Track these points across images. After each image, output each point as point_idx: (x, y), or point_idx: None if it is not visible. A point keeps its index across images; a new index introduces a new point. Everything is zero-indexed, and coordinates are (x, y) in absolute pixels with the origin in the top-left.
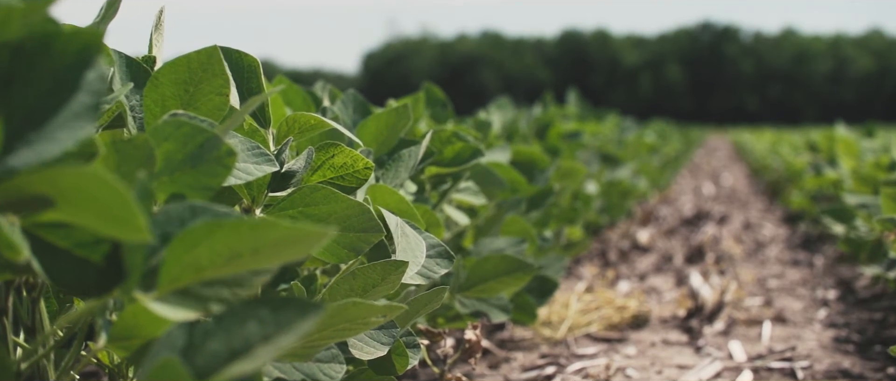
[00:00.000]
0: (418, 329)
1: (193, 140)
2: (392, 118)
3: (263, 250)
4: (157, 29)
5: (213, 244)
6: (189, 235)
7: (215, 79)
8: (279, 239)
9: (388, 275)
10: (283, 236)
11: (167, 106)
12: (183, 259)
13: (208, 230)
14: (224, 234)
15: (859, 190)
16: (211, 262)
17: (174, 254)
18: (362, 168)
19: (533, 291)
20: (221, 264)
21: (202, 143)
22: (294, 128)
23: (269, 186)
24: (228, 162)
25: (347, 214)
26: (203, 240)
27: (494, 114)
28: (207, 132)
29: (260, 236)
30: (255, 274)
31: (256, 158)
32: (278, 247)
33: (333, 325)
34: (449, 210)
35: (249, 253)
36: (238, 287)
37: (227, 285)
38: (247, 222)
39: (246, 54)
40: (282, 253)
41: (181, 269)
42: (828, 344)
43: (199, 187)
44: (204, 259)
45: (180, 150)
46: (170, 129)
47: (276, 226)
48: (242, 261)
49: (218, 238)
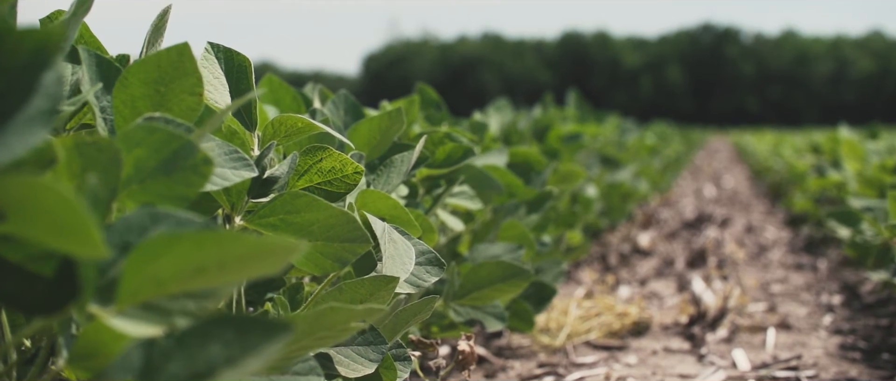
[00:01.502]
0: (410, 340)
1: (167, 146)
2: (385, 122)
3: (230, 264)
4: (156, 29)
5: (174, 257)
6: (148, 247)
7: (187, 78)
8: (247, 253)
9: (378, 291)
10: (251, 250)
11: (137, 107)
12: (143, 272)
13: (168, 243)
14: (186, 247)
15: (864, 193)
16: (173, 275)
17: (133, 267)
18: (352, 172)
19: (530, 297)
20: (185, 278)
21: (176, 149)
22: (280, 131)
23: (250, 192)
24: (204, 170)
25: (331, 222)
26: (163, 253)
27: (492, 116)
28: (182, 138)
29: (226, 249)
30: (223, 286)
31: (234, 163)
32: (246, 261)
33: (312, 333)
34: (443, 215)
35: (215, 267)
36: (205, 300)
37: (193, 298)
38: (211, 235)
39: (237, 53)
40: (250, 268)
41: (141, 282)
42: (834, 352)
43: (173, 197)
44: (165, 273)
45: (153, 156)
46: (142, 134)
47: (242, 240)
48: (208, 275)
49: (179, 251)
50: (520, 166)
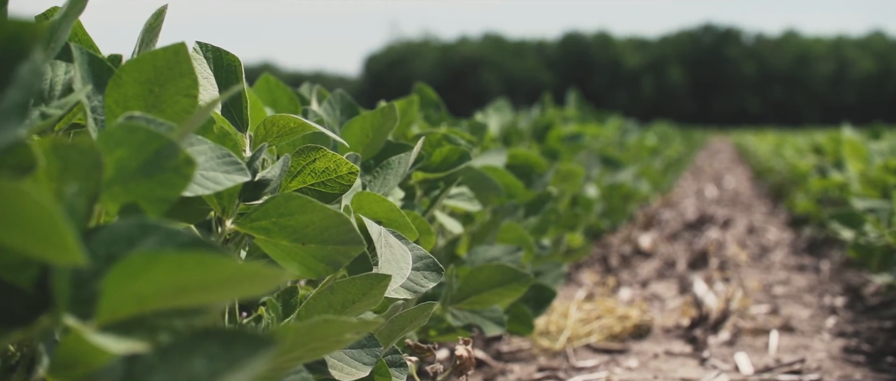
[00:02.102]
0: (406, 344)
1: (148, 147)
2: (378, 119)
3: (213, 286)
4: (150, 28)
5: (155, 277)
6: (129, 265)
7: (183, 79)
8: (230, 277)
9: (370, 290)
10: (235, 274)
11: (130, 107)
12: (124, 289)
13: (148, 262)
14: (167, 268)
15: (868, 194)
16: (154, 294)
17: (114, 282)
18: (346, 173)
19: (530, 300)
20: (167, 297)
21: (157, 150)
22: (272, 131)
23: (242, 195)
24: (186, 172)
25: (326, 224)
26: (143, 271)
27: (492, 116)
28: (163, 138)
29: (208, 272)
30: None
31: (226, 166)
32: (229, 285)
33: (305, 344)
34: (441, 217)
35: (197, 289)
36: (194, 317)
37: (181, 316)
38: (192, 258)
39: (227, 52)
40: (234, 291)
41: (122, 298)
42: (838, 355)
43: (154, 198)
44: (146, 291)
45: (134, 157)
46: (123, 134)
47: (225, 264)
48: (190, 295)
49: (160, 271)
50: (520, 168)
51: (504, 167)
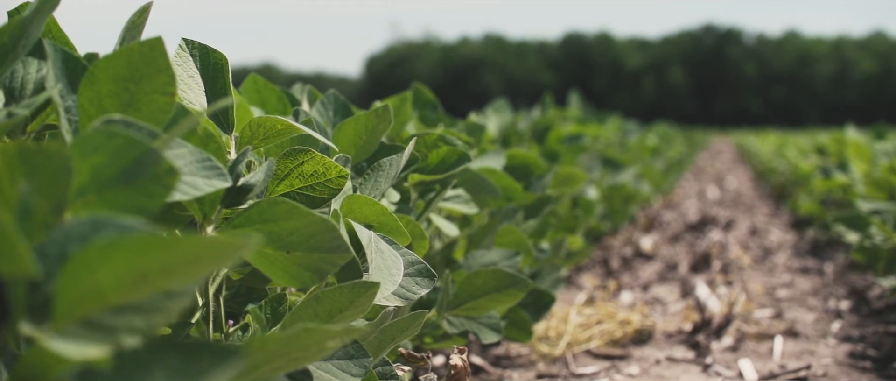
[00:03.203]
0: (399, 353)
1: (128, 154)
2: (371, 121)
3: (175, 268)
4: (132, 26)
5: (115, 265)
6: (86, 255)
7: (159, 75)
8: (192, 255)
9: (357, 298)
10: (197, 250)
11: (104, 106)
12: (82, 284)
13: (108, 249)
14: (127, 253)
15: (873, 195)
16: (115, 285)
17: (71, 278)
18: (336, 176)
19: (528, 306)
20: (128, 287)
21: (138, 157)
22: (258, 133)
23: (224, 201)
24: (169, 181)
25: (311, 231)
26: (103, 260)
27: (491, 117)
28: (143, 146)
29: (169, 253)
30: (169, 297)
31: (206, 171)
32: (192, 263)
33: (285, 354)
34: (437, 221)
35: (159, 272)
36: (153, 314)
37: (139, 313)
38: (153, 238)
39: (213, 50)
40: (197, 270)
41: (81, 295)
42: (843, 361)
43: (134, 209)
44: (106, 282)
45: (112, 164)
46: (100, 139)
47: (186, 241)
48: (152, 282)
49: (120, 258)
50: (518, 169)
51: (502, 169)
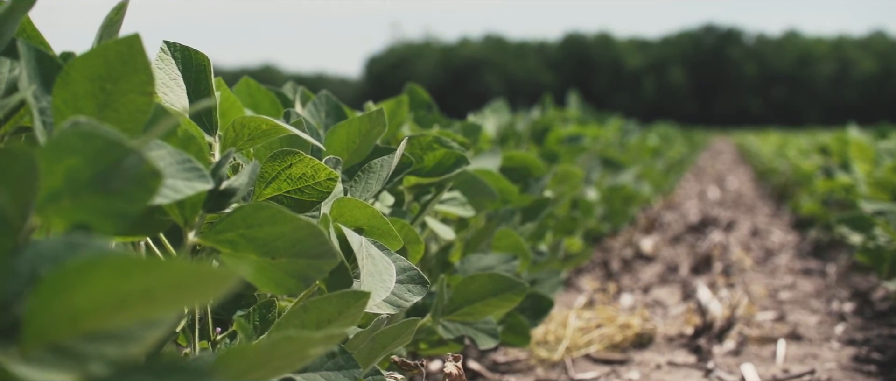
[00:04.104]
0: (392, 361)
1: (107, 156)
2: (365, 124)
3: (159, 294)
4: (109, 24)
5: (93, 287)
6: (61, 276)
7: (137, 74)
8: (178, 282)
9: (347, 308)
10: (183, 278)
11: (80, 107)
12: (55, 306)
13: (86, 270)
14: (107, 274)
15: (876, 196)
16: (91, 309)
17: (43, 300)
18: (324, 179)
19: (526, 310)
20: (106, 312)
21: (118, 160)
22: (243, 134)
23: (206, 205)
24: (152, 185)
25: (297, 237)
26: (79, 282)
27: (489, 118)
28: (124, 147)
29: (153, 277)
30: (147, 326)
31: (187, 173)
32: (177, 291)
33: (267, 363)
34: (433, 224)
35: (141, 298)
36: (128, 342)
37: (113, 340)
38: (135, 260)
39: (196, 52)
40: (182, 298)
41: (52, 319)
42: (847, 365)
43: (112, 214)
44: (82, 306)
45: (88, 167)
46: (76, 140)
47: (172, 266)
48: (132, 308)
49: (100, 280)
50: (516, 171)
51: (499, 170)
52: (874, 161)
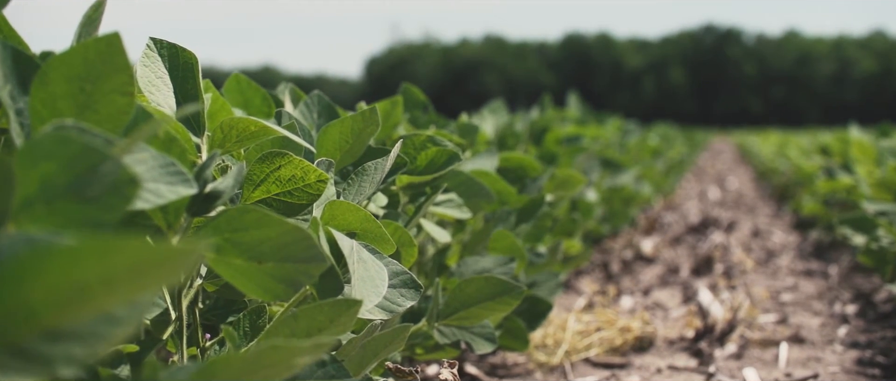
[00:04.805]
0: (386, 368)
1: (83, 162)
2: (357, 124)
3: (118, 278)
4: (88, 21)
5: (48, 277)
6: (12, 267)
7: (118, 74)
8: (137, 263)
9: (338, 317)
10: (142, 258)
11: (58, 108)
12: (8, 303)
13: (38, 259)
14: (61, 262)
15: (879, 197)
16: (48, 302)
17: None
18: (315, 181)
19: (524, 314)
20: (64, 304)
21: (95, 166)
22: (231, 135)
23: (191, 209)
24: (129, 192)
25: (285, 240)
26: (32, 273)
27: (487, 118)
28: (101, 153)
29: (110, 260)
30: (112, 322)
31: (170, 177)
32: (138, 273)
33: (252, 373)
34: (428, 226)
35: (100, 284)
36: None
37: (77, 339)
38: (89, 245)
39: (183, 49)
40: (144, 281)
41: (7, 317)
42: (851, 368)
43: (89, 222)
44: (37, 298)
45: (64, 173)
46: (52, 145)
47: (129, 247)
48: (92, 297)
49: (54, 268)
50: (513, 172)
51: (496, 171)
52: (876, 161)
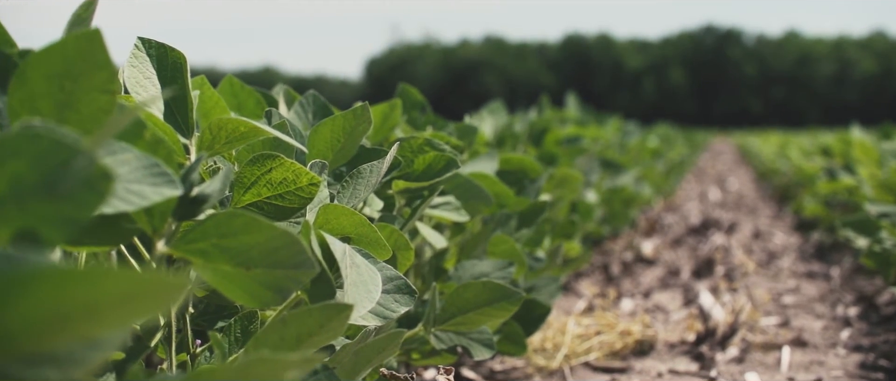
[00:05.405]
0: (381, 374)
1: (54, 157)
2: (349, 122)
3: (104, 308)
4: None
5: (29, 303)
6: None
7: (99, 72)
8: (125, 293)
9: (329, 322)
10: (131, 288)
11: (37, 108)
12: None
13: (20, 284)
14: (46, 289)
15: (882, 198)
16: (28, 327)
17: None
18: (307, 184)
19: (522, 318)
20: (44, 331)
21: (66, 161)
22: (220, 136)
23: (177, 212)
24: (102, 187)
25: (274, 246)
26: (15, 296)
27: (486, 119)
28: (71, 148)
29: (98, 289)
30: (91, 347)
31: (154, 178)
32: (125, 303)
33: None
34: (424, 230)
35: (84, 313)
36: (70, 365)
37: (54, 363)
38: (75, 273)
39: (172, 49)
40: (130, 311)
41: None
42: (854, 372)
43: (61, 220)
44: (16, 323)
45: (34, 170)
46: (20, 142)
47: (119, 277)
48: (75, 325)
49: (37, 294)
50: (513, 174)
51: (495, 173)
52: (879, 162)
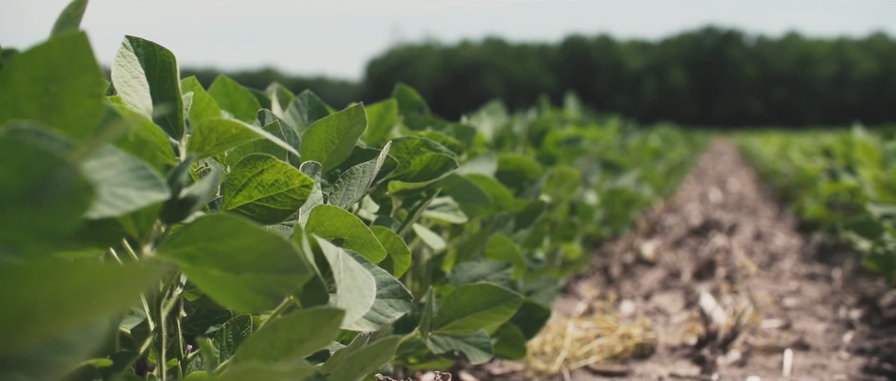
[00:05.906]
0: (377, 380)
1: (36, 167)
2: (343, 122)
3: (69, 302)
4: (67, 19)
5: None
6: None
7: (85, 74)
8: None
9: (320, 327)
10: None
11: (21, 111)
12: None
13: None
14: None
15: (884, 199)
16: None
17: None
18: (299, 186)
19: (521, 321)
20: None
21: (48, 172)
22: (210, 138)
23: (164, 215)
24: (84, 200)
25: (263, 250)
26: None
27: (485, 120)
28: (53, 158)
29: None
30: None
31: (140, 181)
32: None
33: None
34: (422, 232)
35: (49, 308)
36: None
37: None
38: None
39: (161, 48)
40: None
41: None
42: (857, 375)
43: (42, 232)
44: None
45: (16, 179)
46: (3, 149)
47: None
48: (39, 321)
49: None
50: (512, 175)
51: (494, 174)
52: (881, 163)
